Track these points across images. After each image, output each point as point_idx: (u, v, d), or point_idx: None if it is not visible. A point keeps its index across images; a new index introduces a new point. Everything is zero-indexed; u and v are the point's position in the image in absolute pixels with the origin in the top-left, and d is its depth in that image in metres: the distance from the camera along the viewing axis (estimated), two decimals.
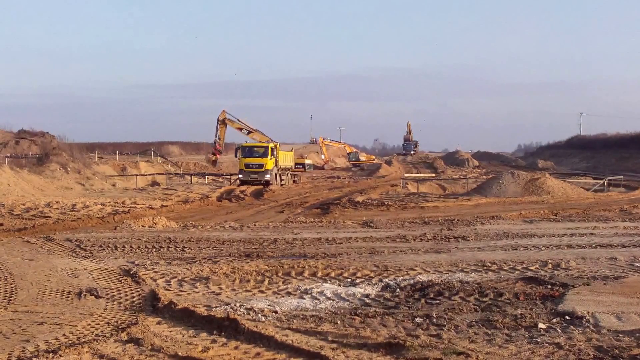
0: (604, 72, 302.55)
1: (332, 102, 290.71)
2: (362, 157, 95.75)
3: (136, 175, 53.65)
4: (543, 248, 16.90)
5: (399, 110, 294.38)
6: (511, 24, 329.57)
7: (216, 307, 10.53)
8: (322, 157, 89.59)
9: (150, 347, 8.24)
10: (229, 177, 51.95)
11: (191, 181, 50.99)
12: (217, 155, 55.63)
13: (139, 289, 11.76)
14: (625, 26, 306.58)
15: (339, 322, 9.61)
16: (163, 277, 12.95)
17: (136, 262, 14.66)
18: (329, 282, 12.64)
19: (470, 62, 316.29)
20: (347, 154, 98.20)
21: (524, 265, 14.18)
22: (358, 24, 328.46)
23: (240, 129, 51.60)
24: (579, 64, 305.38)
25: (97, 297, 11.14)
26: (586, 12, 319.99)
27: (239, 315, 9.66)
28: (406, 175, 64.28)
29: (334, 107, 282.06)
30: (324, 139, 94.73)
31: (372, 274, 13.25)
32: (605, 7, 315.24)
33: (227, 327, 8.93)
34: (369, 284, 12.39)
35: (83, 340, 8.53)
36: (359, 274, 13.25)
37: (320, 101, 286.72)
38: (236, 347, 8.26)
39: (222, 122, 51.90)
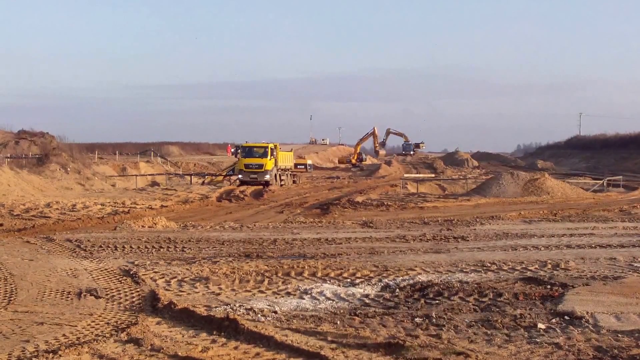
0: (603, 73, 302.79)
1: (332, 102, 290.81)
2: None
3: (136, 175, 53.66)
4: (542, 248, 16.90)
5: (399, 111, 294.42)
6: (511, 24, 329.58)
7: (216, 307, 10.53)
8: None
9: (150, 347, 8.24)
10: (228, 177, 51.91)
11: (191, 181, 50.99)
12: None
13: (138, 289, 11.76)
14: (624, 26, 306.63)
15: (338, 322, 9.61)
16: (163, 278, 12.95)
17: (136, 263, 14.66)
18: (328, 282, 12.64)
19: (469, 63, 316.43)
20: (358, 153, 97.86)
21: (524, 266, 14.18)
22: (358, 25, 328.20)
23: None
24: (578, 65, 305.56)
25: (97, 297, 11.15)
26: (585, 12, 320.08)
27: (238, 315, 9.66)
28: (406, 175, 64.33)
29: (334, 108, 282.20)
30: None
31: (371, 274, 13.24)
32: (604, 7, 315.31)
33: (227, 327, 8.93)
34: (368, 284, 12.39)
35: (83, 340, 8.53)
36: (358, 274, 13.25)
37: (320, 102, 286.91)
38: (236, 347, 8.26)
39: None
